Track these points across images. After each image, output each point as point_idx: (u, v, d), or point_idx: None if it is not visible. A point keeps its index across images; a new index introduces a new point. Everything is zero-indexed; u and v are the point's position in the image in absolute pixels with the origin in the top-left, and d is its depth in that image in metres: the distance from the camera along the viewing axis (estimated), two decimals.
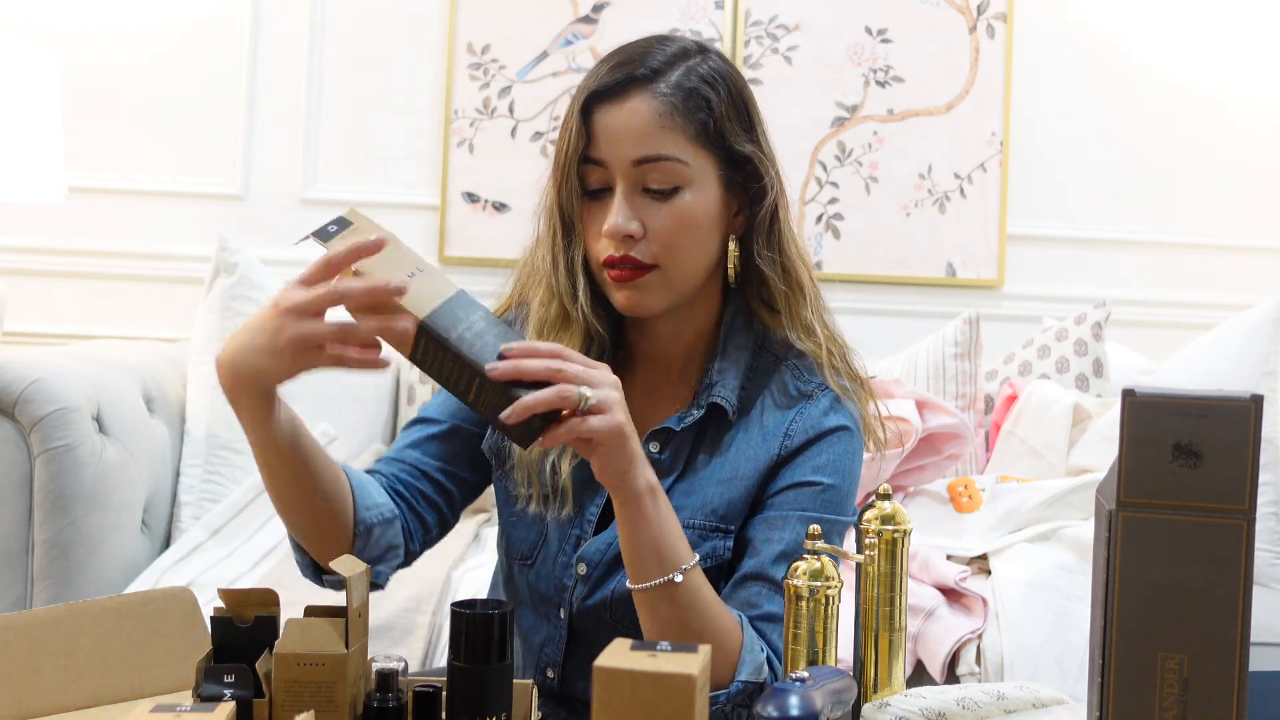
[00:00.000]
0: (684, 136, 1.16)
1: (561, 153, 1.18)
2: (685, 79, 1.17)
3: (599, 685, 0.75)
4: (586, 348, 1.21)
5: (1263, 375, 2.40)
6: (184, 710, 0.72)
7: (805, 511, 1.18)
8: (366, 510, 1.16)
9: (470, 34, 2.97)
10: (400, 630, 1.89)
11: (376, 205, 2.98)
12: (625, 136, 1.16)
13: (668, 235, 1.16)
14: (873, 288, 2.99)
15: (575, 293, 1.21)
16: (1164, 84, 3.01)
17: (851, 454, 1.22)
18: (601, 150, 1.16)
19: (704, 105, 1.17)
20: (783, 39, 2.97)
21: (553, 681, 1.24)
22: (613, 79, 1.16)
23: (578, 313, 1.21)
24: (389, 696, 0.89)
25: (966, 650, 1.83)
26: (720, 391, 1.21)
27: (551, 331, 1.22)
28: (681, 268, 1.18)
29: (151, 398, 2.33)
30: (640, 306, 1.19)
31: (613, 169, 1.17)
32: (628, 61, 1.18)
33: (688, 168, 1.17)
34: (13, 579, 1.98)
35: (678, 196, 1.17)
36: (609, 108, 1.16)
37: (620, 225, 1.15)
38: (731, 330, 1.24)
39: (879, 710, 0.99)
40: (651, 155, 1.15)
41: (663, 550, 1.07)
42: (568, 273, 1.21)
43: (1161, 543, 0.82)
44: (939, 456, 2.24)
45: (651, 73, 1.17)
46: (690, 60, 1.19)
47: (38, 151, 2.57)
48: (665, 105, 1.16)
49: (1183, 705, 0.81)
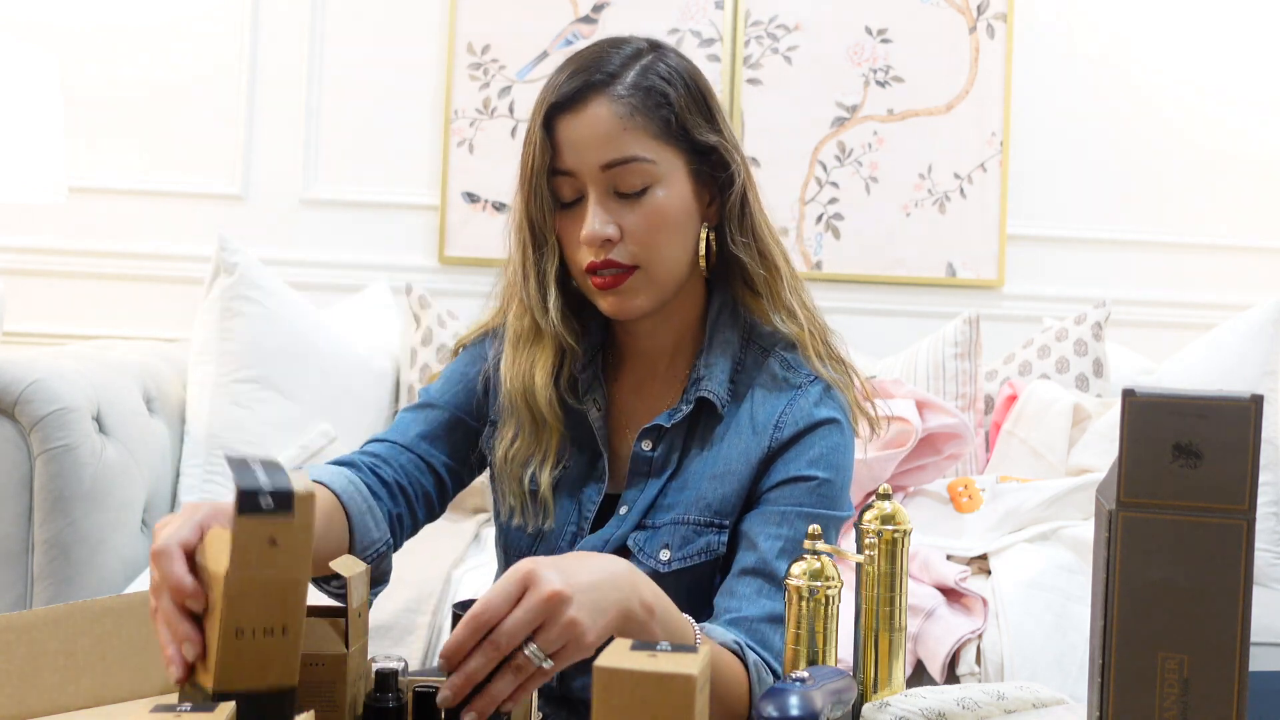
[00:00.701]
0: (647, 135, 1.17)
1: (528, 167, 1.19)
2: (642, 78, 1.18)
3: (599, 685, 0.75)
4: (559, 360, 1.23)
5: (1263, 375, 2.40)
6: (184, 710, 0.72)
7: (802, 507, 1.18)
8: (363, 550, 1.16)
9: (470, 34, 2.97)
10: (400, 630, 1.89)
11: (377, 205, 2.98)
12: (590, 143, 1.16)
13: (644, 234, 1.17)
14: (873, 288, 2.99)
15: (546, 306, 1.21)
16: (1164, 84, 3.01)
17: (843, 447, 1.22)
18: (568, 160, 1.17)
19: (664, 101, 1.18)
20: (783, 39, 2.97)
21: (551, 681, 1.24)
22: (570, 88, 1.17)
23: (548, 325, 1.22)
24: (389, 696, 0.89)
25: (966, 650, 1.83)
26: (708, 385, 1.22)
27: (525, 345, 1.23)
28: (662, 264, 1.19)
29: (151, 398, 2.33)
30: (627, 309, 1.20)
31: (582, 177, 1.17)
32: (583, 69, 1.18)
33: (655, 165, 1.17)
34: (13, 579, 1.98)
35: (649, 195, 1.18)
36: (570, 118, 1.17)
37: (597, 231, 1.16)
38: (718, 324, 1.25)
39: (879, 710, 0.99)
40: (618, 158, 1.16)
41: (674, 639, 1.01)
42: (538, 286, 1.22)
43: (1161, 543, 0.82)
44: (939, 456, 2.24)
45: (608, 76, 1.17)
46: (644, 59, 1.20)
47: (38, 151, 2.57)
48: (625, 107, 1.16)
49: (1183, 705, 0.81)
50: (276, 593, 0.77)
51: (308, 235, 2.97)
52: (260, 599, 0.76)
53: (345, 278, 2.93)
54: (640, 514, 1.21)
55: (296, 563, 0.77)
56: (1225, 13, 3.00)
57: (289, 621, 0.78)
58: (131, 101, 2.95)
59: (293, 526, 0.76)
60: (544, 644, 0.87)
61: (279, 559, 0.76)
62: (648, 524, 1.21)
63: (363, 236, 2.97)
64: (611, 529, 1.22)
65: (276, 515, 0.75)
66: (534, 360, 1.23)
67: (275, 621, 0.77)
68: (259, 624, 0.77)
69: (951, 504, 2.20)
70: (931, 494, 2.25)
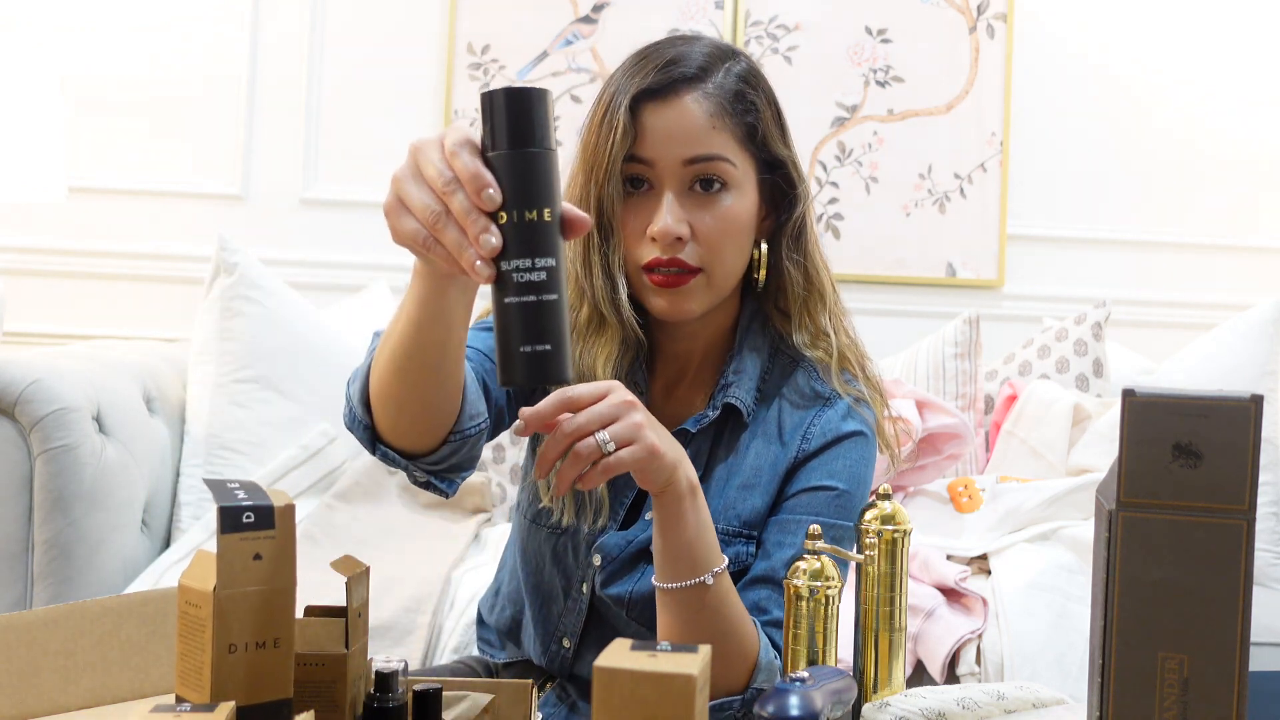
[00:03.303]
0: (732, 138, 1.16)
1: (604, 151, 1.15)
2: (729, 81, 1.17)
3: (599, 685, 0.75)
4: (623, 354, 1.19)
5: (1263, 375, 2.40)
6: (184, 710, 0.72)
7: (820, 517, 1.18)
8: (470, 420, 1.06)
9: (470, 34, 2.97)
10: (400, 630, 1.89)
11: (377, 205, 2.97)
12: (677, 135, 1.14)
13: (714, 238, 1.15)
14: (873, 288, 2.99)
15: (615, 296, 1.17)
16: (1164, 84, 3.01)
17: (866, 460, 1.22)
18: (650, 149, 1.14)
19: (750, 108, 1.17)
20: (783, 39, 2.97)
21: (566, 651, 1.23)
22: (664, 78, 1.14)
23: (616, 317, 1.17)
24: (389, 696, 0.89)
25: (966, 650, 1.83)
26: (735, 392, 1.21)
27: (582, 337, 1.19)
28: (723, 270, 1.17)
29: (151, 398, 2.33)
30: (682, 311, 1.17)
31: (661, 169, 1.15)
32: (675, 60, 1.15)
33: (735, 169, 1.16)
34: (13, 579, 1.98)
35: (723, 197, 1.16)
36: (659, 106, 1.14)
37: (671, 227, 1.13)
38: (748, 333, 1.24)
39: (879, 710, 0.99)
40: (703, 154, 1.14)
41: (696, 552, 1.06)
42: (605, 275, 1.17)
43: (1161, 543, 0.82)
44: (939, 456, 2.24)
45: (700, 72, 1.15)
46: (728, 62, 1.18)
47: (38, 151, 2.57)
48: (715, 105, 1.15)
49: (1183, 705, 0.81)
50: (265, 606, 0.78)
51: (308, 235, 2.97)
52: (249, 613, 0.78)
53: (345, 278, 2.93)
54: None
55: (282, 574, 0.79)
56: (1225, 13, 3.00)
57: (280, 634, 0.79)
58: (131, 101, 2.94)
59: (275, 540, 0.78)
60: (612, 433, 0.97)
61: (264, 572, 0.78)
62: None
63: (363, 236, 2.97)
64: (637, 530, 1.21)
65: (259, 530, 0.78)
66: (596, 351, 1.18)
67: (266, 634, 0.79)
68: (250, 638, 0.78)
69: (951, 504, 2.20)
70: (931, 494, 2.25)
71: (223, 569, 0.77)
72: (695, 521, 1.05)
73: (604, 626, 1.21)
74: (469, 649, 1.84)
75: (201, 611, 0.78)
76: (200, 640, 0.79)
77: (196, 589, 0.79)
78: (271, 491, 0.81)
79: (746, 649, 1.09)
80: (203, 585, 0.78)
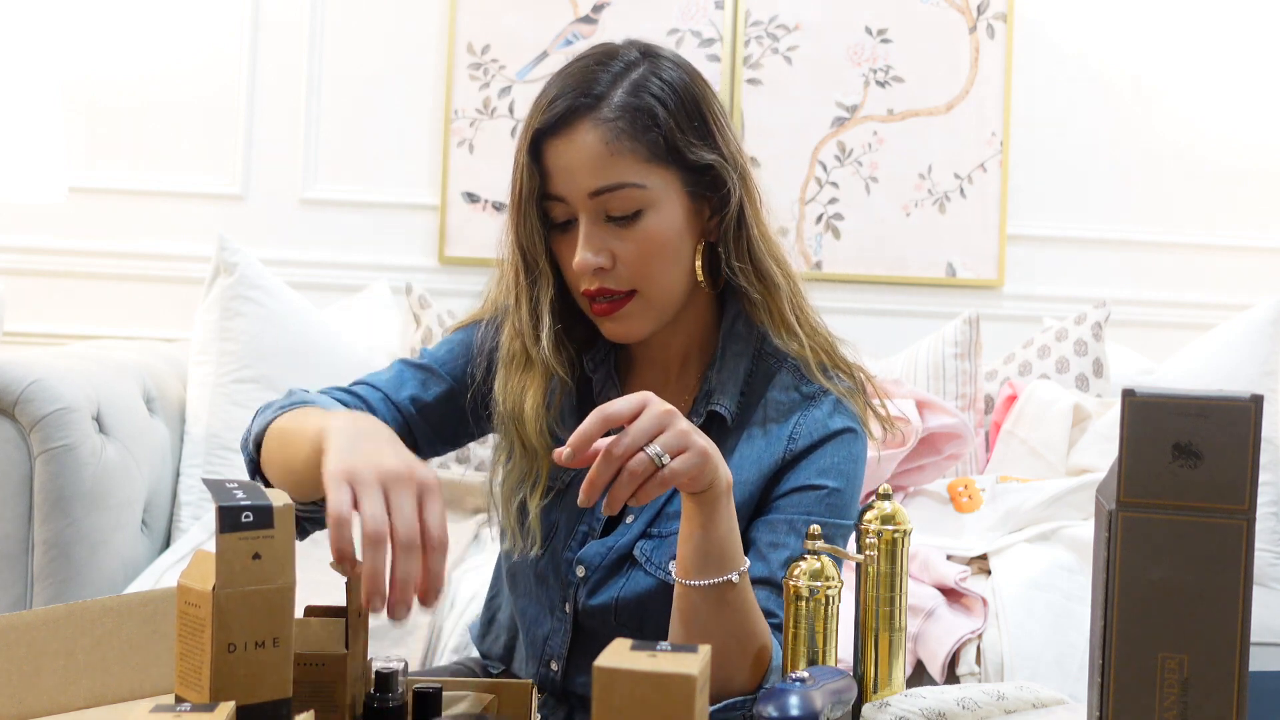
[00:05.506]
0: (636, 159, 1.14)
1: (517, 192, 1.17)
2: (631, 97, 1.14)
3: (599, 685, 0.75)
4: (550, 389, 1.20)
5: (1263, 375, 2.40)
6: (184, 710, 0.72)
7: (811, 516, 1.17)
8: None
9: (470, 34, 2.97)
10: (400, 630, 1.89)
11: (377, 205, 2.98)
12: (577, 170, 1.14)
13: (638, 261, 1.15)
14: (873, 288, 2.99)
15: (537, 335, 1.19)
16: (1164, 83, 3.01)
17: (856, 457, 1.21)
18: (558, 186, 1.15)
19: (652, 123, 1.14)
20: (783, 39, 2.97)
21: (555, 674, 1.24)
22: (556, 111, 1.14)
23: (539, 354, 1.19)
24: (389, 696, 0.89)
25: (966, 650, 1.83)
26: (719, 399, 1.20)
27: (516, 369, 1.21)
28: (658, 288, 1.17)
29: (151, 398, 2.33)
30: (628, 334, 1.19)
31: (573, 203, 1.15)
32: (569, 90, 1.15)
33: (646, 190, 1.15)
34: (13, 579, 1.98)
35: (641, 220, 1.15)
36: (557, 143, 1.14)
37: (589, 260, 1.14)
38: (731, 334, 1.23)
39: (879, 710, 0.99)
40: (606, 185, 1.14)
41: (726, 549, 1.05)
42: (530, 314, 1.19)
43: (1161, 543, 0.82)
44: (939, 456, 2.24)
45: (595, 99, 1.14)
46: (633, 75, 1.16)
47: (38, 151, 2.57)
48: (612, 131, 1.13)
49: (1183, 705, 0.81)
50: (264, 605, 0.78)
51: (308, 235, 2.97)
52: (249, 612, 0.78)
53: (345, 278, 2.93)
54: (646, 522, 1.20)
55: (281, 573, 0.79)
56: (1225, 13, 3.00)
57: (279, 633, 0.79)
58: (131, 102, 2.95)
59: (274, 540, 0.79)
60: (663, 445, 0.96)
61: (264, 572, 0.78)
62: (654, 533, 1.20)
63: (363, 236, 2.97)
64: (617, 536, 1.21)
65: (258, 530, 0.78)
66: (524, 387, 1.20)
67: (265, 634, 0.79)
68: (250, 637, 0.78)
69: (951, 504, 2.20)
70: (931, 494, 2.25)
71: (222, 569, 0.77)
72: (729, 518, 1.05)
73: (590, 645, 1.21)
74: (469, 649, 1.84)
75: (201, 611, 0.78)
76: (200, 640, 0.78)
77: (196, 589, 0.79)
78: (271, 491, 0.81)
79: (763, 649, 1.09)
80: (202, 585, 0.78)
